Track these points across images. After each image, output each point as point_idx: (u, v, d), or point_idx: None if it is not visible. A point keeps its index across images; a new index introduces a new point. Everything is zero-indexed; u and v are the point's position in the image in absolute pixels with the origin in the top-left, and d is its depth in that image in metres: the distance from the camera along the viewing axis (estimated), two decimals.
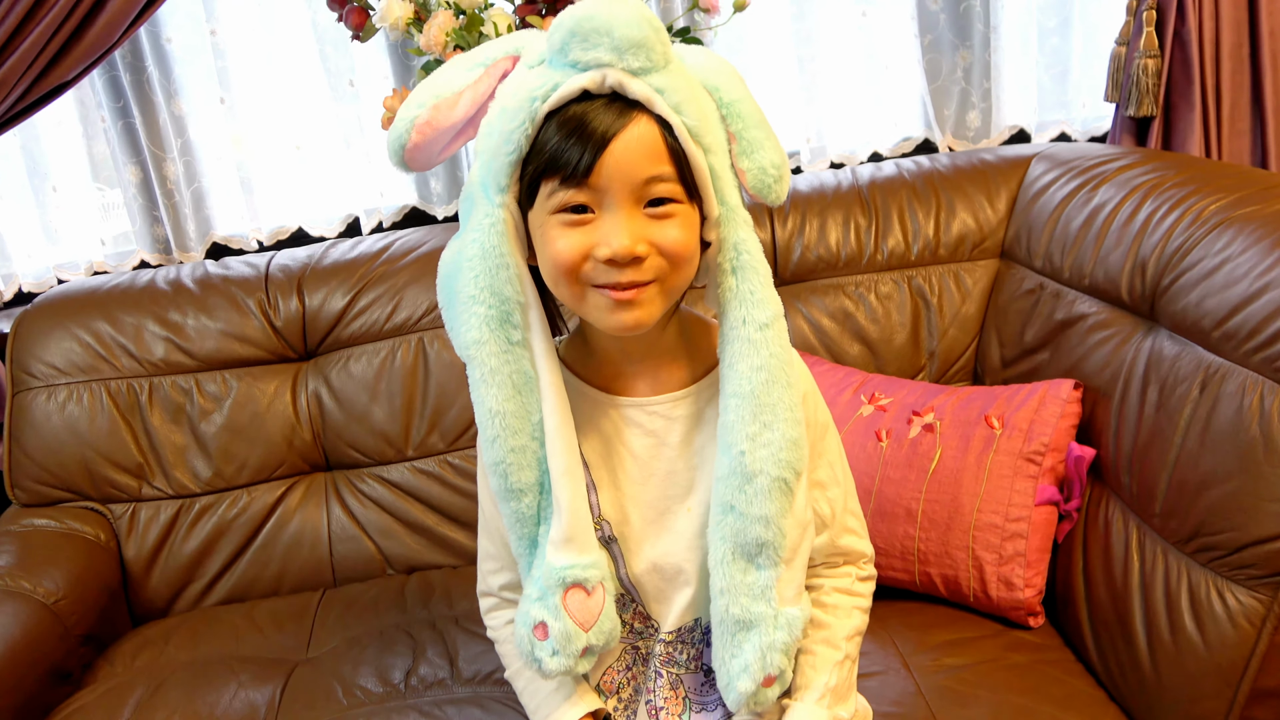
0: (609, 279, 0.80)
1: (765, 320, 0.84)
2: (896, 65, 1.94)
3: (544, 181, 0.80)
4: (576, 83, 0.78)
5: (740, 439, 0.84)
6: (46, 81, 1.67)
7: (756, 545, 0.85)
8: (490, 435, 0.86)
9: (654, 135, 0.79)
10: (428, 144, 0.87)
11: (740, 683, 0.86)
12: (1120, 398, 1.24)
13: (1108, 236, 1.35)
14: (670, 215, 0.81)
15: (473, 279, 0.84)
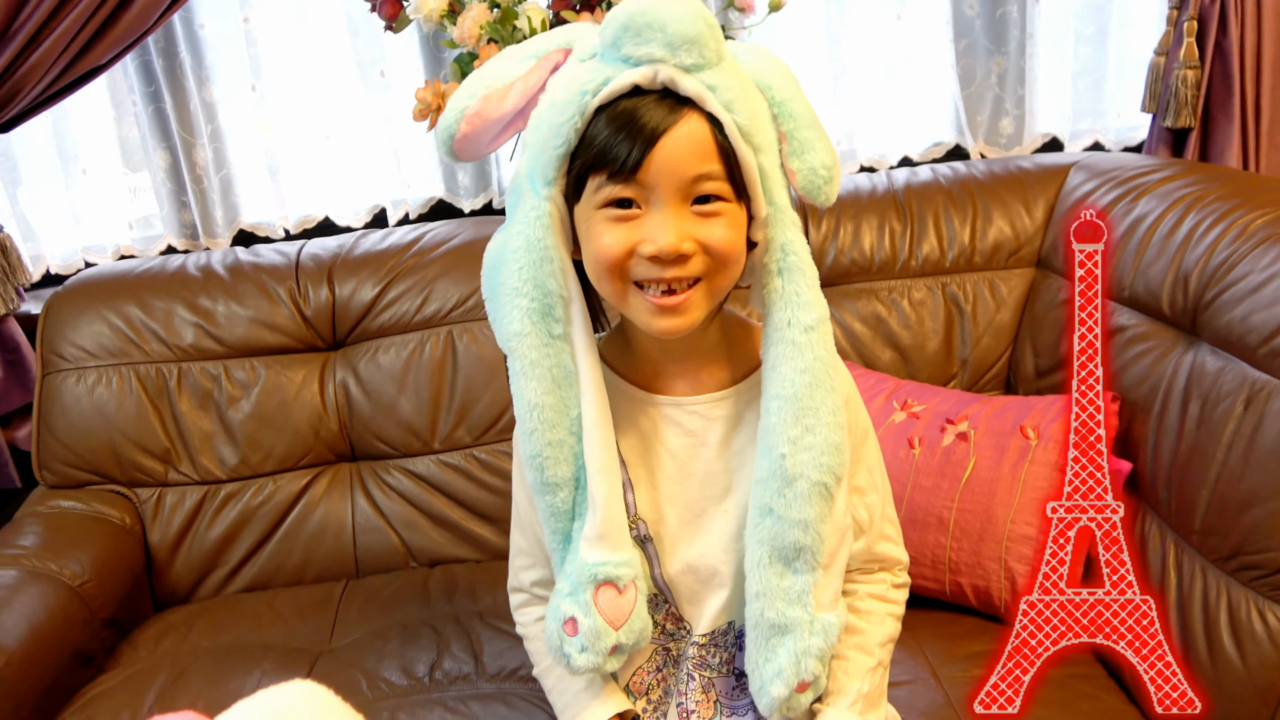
0: (652, 275, 0.80)
1: (811, 323, 0.83)
2: (930, 70, 1.93)
3: (591, 176, 0.80)
4: (628, 78, 0.77)
5: (781, 442, 0.83)
6: (80, 65, 1.67)
7: (794, 550, 0.84)
8: (528, 428, 0.86)
9: (704, 133, 0.78)
10: (477, 134, 0.87)
11: (774, 688, 0.85)
12: (1159, 412, 1.23)
13: (1149, 248, 1.34)
14: (717, 214, 0.80)
15: (516, 271, 0.84)
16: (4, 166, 1.88)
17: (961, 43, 1.90)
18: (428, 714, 1.24)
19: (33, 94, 1.66)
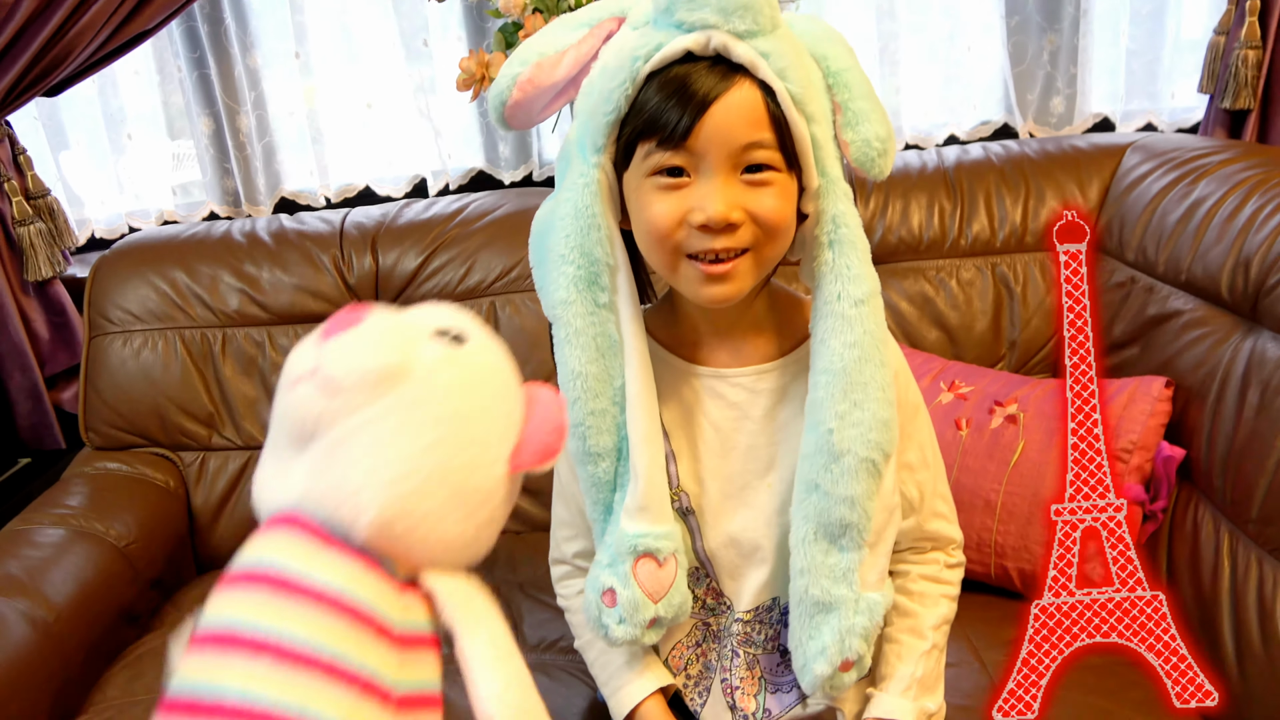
0: (702, 246, 0.79)
1: (861, 296, 0.82)
2: (980, 46, 1.89)
3: (641, 143, 0.79)
4: (680, 44, 0.76)
5: (829, 417, 0.82)
6: (128, 30, 1.68)
7: (840, 526, 0.83)
8: (571, 397, 0.85)
9: (756, 100, 0.77)
10: (529, 101, 0.86)
11: (817, 665, 0.85)
12: (1216, 398, 1.21)
13: (1208, 232, 1.31)
14: (767, 183, 0.79)
15: (564, 238, 0.83)
16: (51, 131, 1.89)
17: (1014, 19, 1.86)
18: None
19: (81, 57, 1.66)
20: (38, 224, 1.72)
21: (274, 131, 1.93)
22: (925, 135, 1.94)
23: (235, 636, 0.54)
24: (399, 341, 0.59)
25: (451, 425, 0.59)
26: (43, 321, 1.78)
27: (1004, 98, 1.91)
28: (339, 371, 0.57)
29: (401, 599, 0.59)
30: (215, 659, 0.54)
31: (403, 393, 0.58)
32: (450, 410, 0.59)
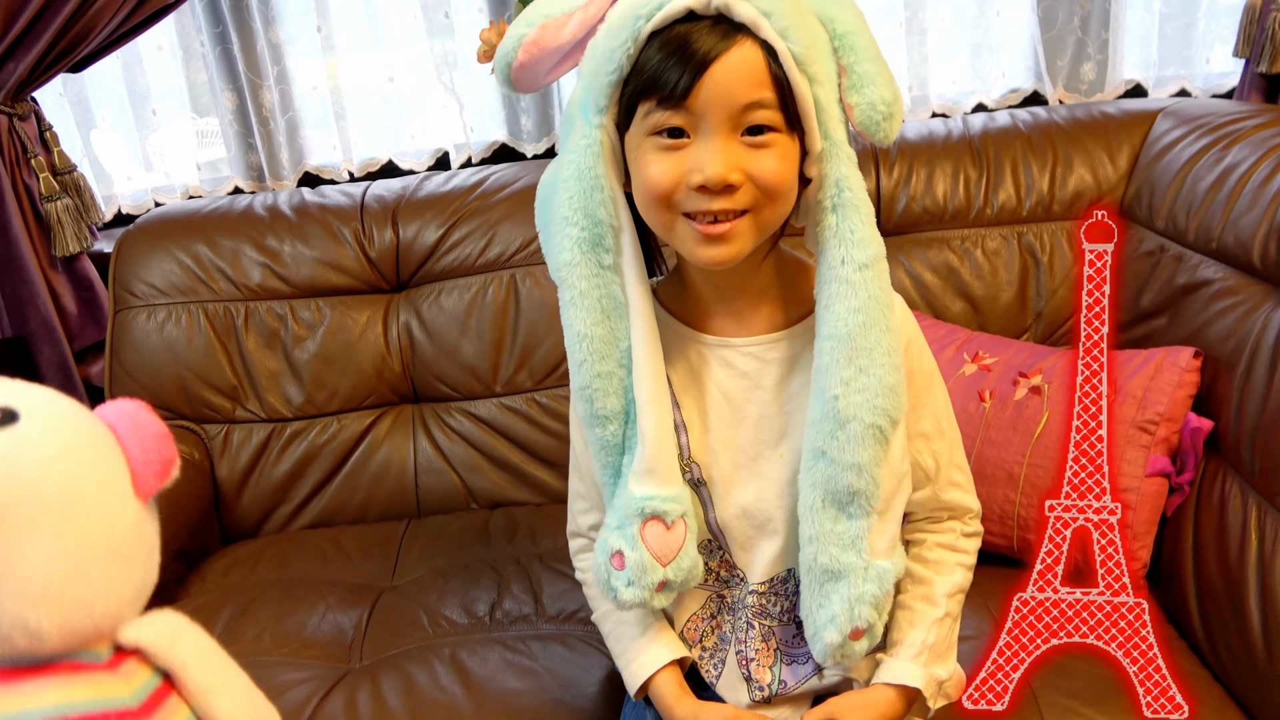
0: (700, 206, 0.78)
1: (865, 260, 0.80)
2: (1009, 11, 1.85)
3: (641, 102, 0.79)
4: (682, 2, 0.76)
5: (834, 383, 0.81)
6: (149, 4, 1.68)
7: (848, 494, 0.82)
8: (578, 359, 0.85)
9: (757, 60, 0.76)
10: (534, 63, 0.85)
11: (827, 634, 0.84)
12: (1245, 369, 1.18)
13: (1240, 199, 1.28)
14: (768, 145, 0.78)
15: (567, 200, 0.83)
16: (78, 108, 1.90)
17: None
18: (488, 652, 1.26)
19: (104, 32, 1.67)
20: (65, 200, 1.74)
21: (297, 106, 1.93)
22: (953, 104, 1.91)
23: None
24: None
25: (61, 505, 0.55)
26: (71, 297, 1.80)
27: (1033, 65, 1.87)
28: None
29: (119, 674, 0.58)
30: None
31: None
32: (51, 491, 0.55)
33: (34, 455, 0.55)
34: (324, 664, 1.28)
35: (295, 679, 1.24)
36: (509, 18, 1.81)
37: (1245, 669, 1.09)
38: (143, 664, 0.60)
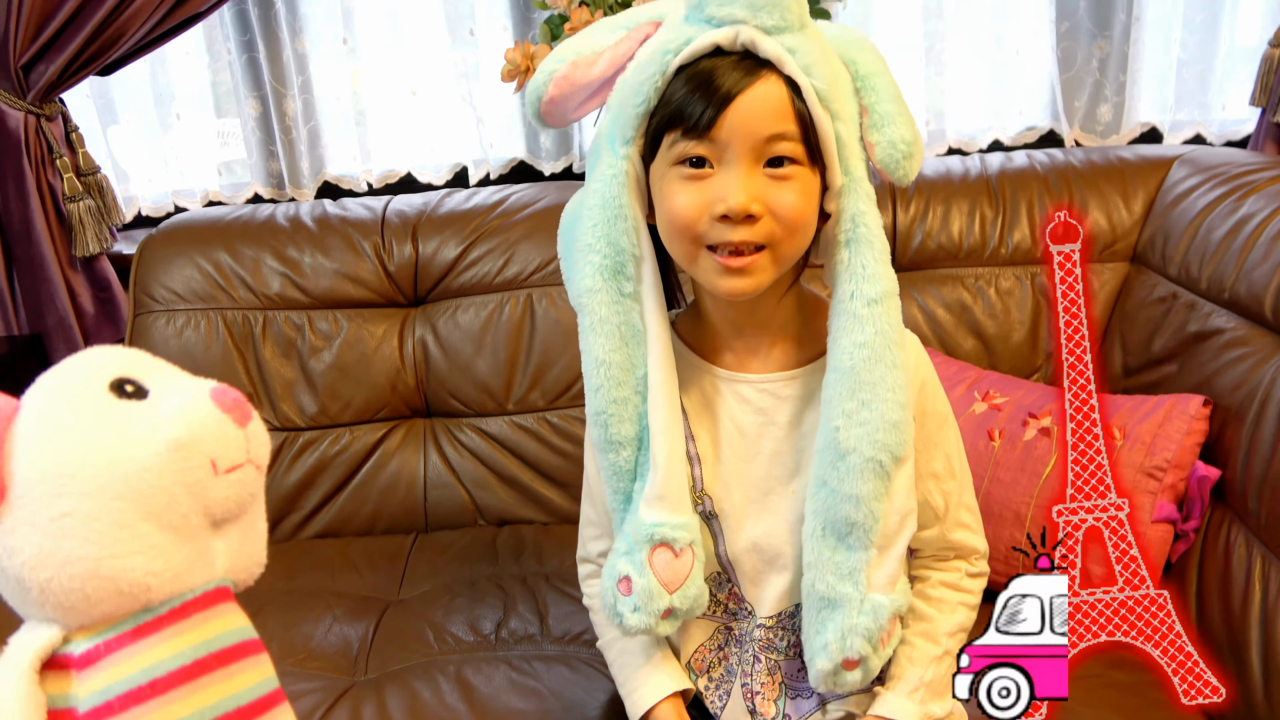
0: (722, 238, 0.80)
1: (875, 296, 0.82)
2: (1028, 51, 1.87)
3: (667, 132, 0.81)
4: (709, 38, 0.78)
5: (836, 414, 0.82)
6: (180, 12, 1.71)
7: (846, 524, 0.83)
8: (594, 384, 0.86)
9: (781, 95, 0.78)
10: (564, 99, 0.87)
11: (819, 661, 0.85)
12: (1255, 420, 1.19)
13: (1253, 250, 1.29)
14: (789, 178, 0.80)
15: (591, 228, 0.84)
16: (102, 107, 1.92)
17: (1064, 24, 1.84)
18: (493, 670, 1.27)
19: (134, 38, 1.69)
20: (87, 201, 1.76)
21: (319, 115, 1.95)
22: (969, 139, 1.93)
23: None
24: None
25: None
26: (88, 296, 1.81)
27: (1050, 104, 1.89)
28: (266, 454, 0.65)
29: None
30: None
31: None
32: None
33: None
34: (329, 675, 1.29)
35: (301, 690, 1.25)
36: (534, 38, 1.83)
37: (1228, 691, 1.10)
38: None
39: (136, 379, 0.63)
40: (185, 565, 0.61)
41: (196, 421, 0.61)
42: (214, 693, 0.60)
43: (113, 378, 0.62)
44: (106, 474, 0.59)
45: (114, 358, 0.65)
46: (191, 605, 0.61)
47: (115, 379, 0.62)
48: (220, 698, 0.60)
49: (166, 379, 0.65)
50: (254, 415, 0.65)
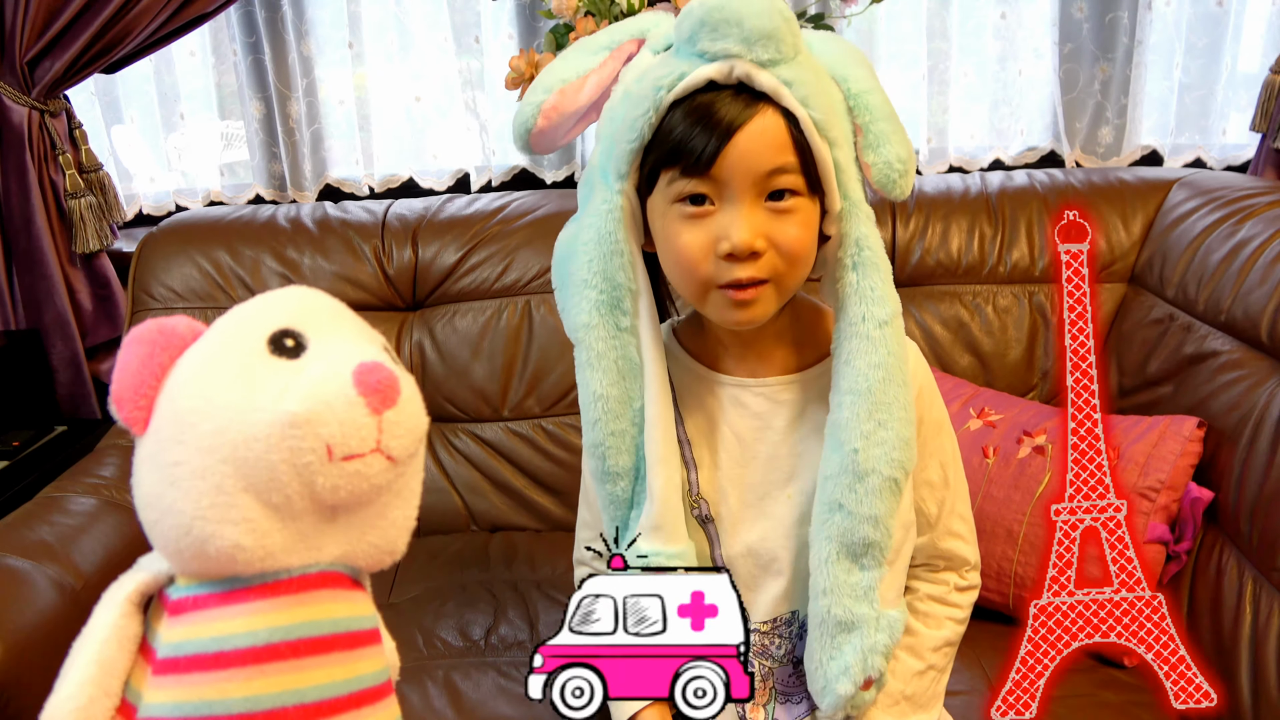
0: (729, 277, 0.80)
1: (885, 318, 0.83)
2: (1030, 71, 1.88)
3: (664, 170, 0.80)
4: (703, 73, 0.77)
5: (854, 437, 0.82)
6: (186, 12, 1.71)
7: (863, 545, 0.83)
8: (592, 418, 0.87)
9: (779, 128, 0.78)
10: (553, 128, 0.88)
11: (840, 685, 0.85)
12: (1248, 443, 1.20)
13: (1250, 274, 1.30)
14: (791, 211, 0.80)
15: (586, 264, 0.85)
16: (106, 105, 1.93)
17: (1067, 46, 1.85)
18: (481, 676, 1.26)
19: (140, 36, 1.70)
20: (89, 198, 1.76)
21: (323, 119, 1.96)
22: (971, 158, 1.93)
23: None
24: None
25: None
26: (87, 293, 1.81)
27: (1052, 125, 1.90)
28: (407, 444, 0.60)
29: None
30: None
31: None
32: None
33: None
34: None
35: None
36: (538, 46, 1.84)
37: (1220, 697, 1.10)
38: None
39: (301, 334, 0.58)
40: (281, 546, 0.58)
41: (321, 400, 0.55)
42: (278, 682, 0.56)
43: (277, 328, 0.58)
44: (221, 434, 0.55)
45: (292, 305, 0.60)
46: (283, 585, 0.58)
47: (279, 330, 0.58)
48: (281, 689, 0.56)
49: (332, 340, 0.59)
50: (399, 401, 0.58)
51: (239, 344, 0.58)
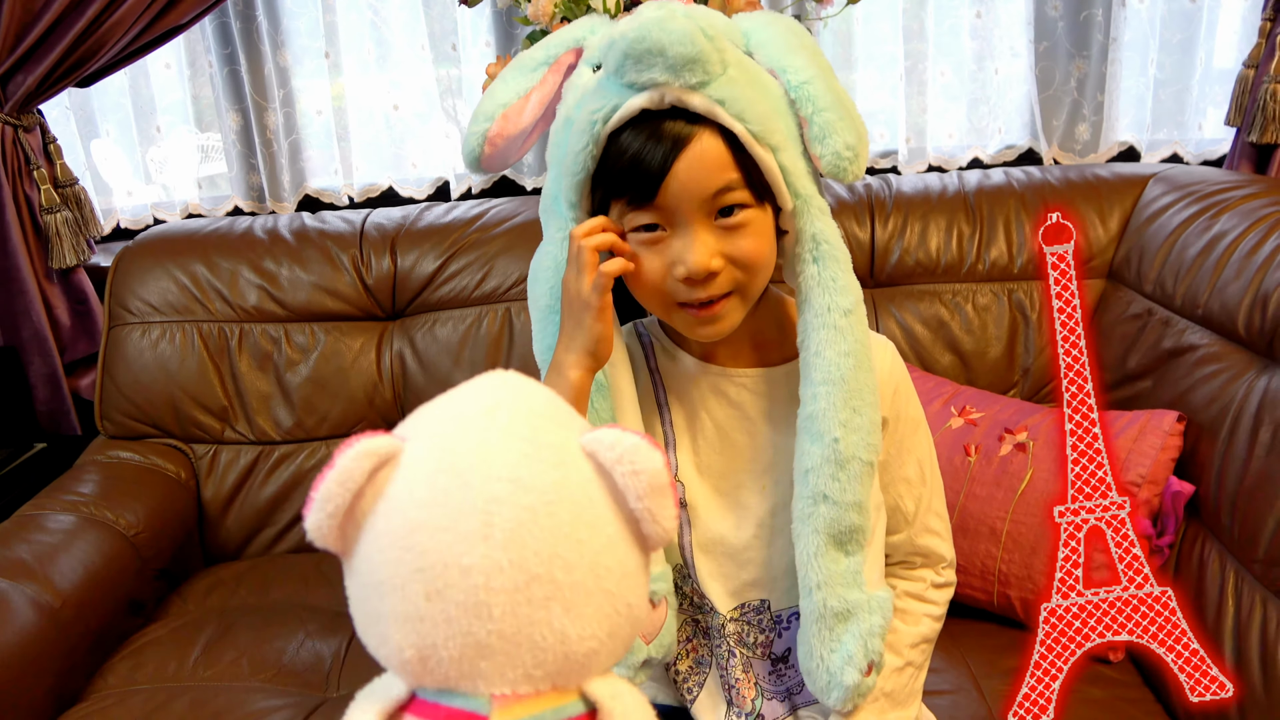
0: (689, 297, 0.82)
1: (849, 306, 0.84)
2: (1007, 70, 1.89)
3: (613, 203, 0.82)
4: (635, 103, 0.78)
5: (833, 426, 0.83)
6: (161, 24, 1.70)
7: (849, 532, 0.84)
8: None
9: (718, 147, 0.78)
10: (501, 153, 0.90)
11: (846, 676, 0.84)
12: (1228, 435, 1.20)
13: (1227, 267, 1.30)
14: (742, 225, 0.81)
15: (548, 290, 0.87)
16: (81, 120, 1.92)
17: (1042, 44, 1.85)
18: None
19: (114, 50, 1.69)
20: (64, 212, 1.75)
21: (301, 129, 1.95)
22: (949, 157, 1.94)
23: None
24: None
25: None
26: (65, 309, 1.80)
27: (1030, 123, 1.90)
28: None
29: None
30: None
31: None
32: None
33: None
34: (300, 692, 1.28)
35: (271, 706, 1.23)
36: (514, 53, 1.84)
37: (1236, 689, 1.09)
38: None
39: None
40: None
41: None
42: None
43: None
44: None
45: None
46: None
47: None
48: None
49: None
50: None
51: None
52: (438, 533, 0.47)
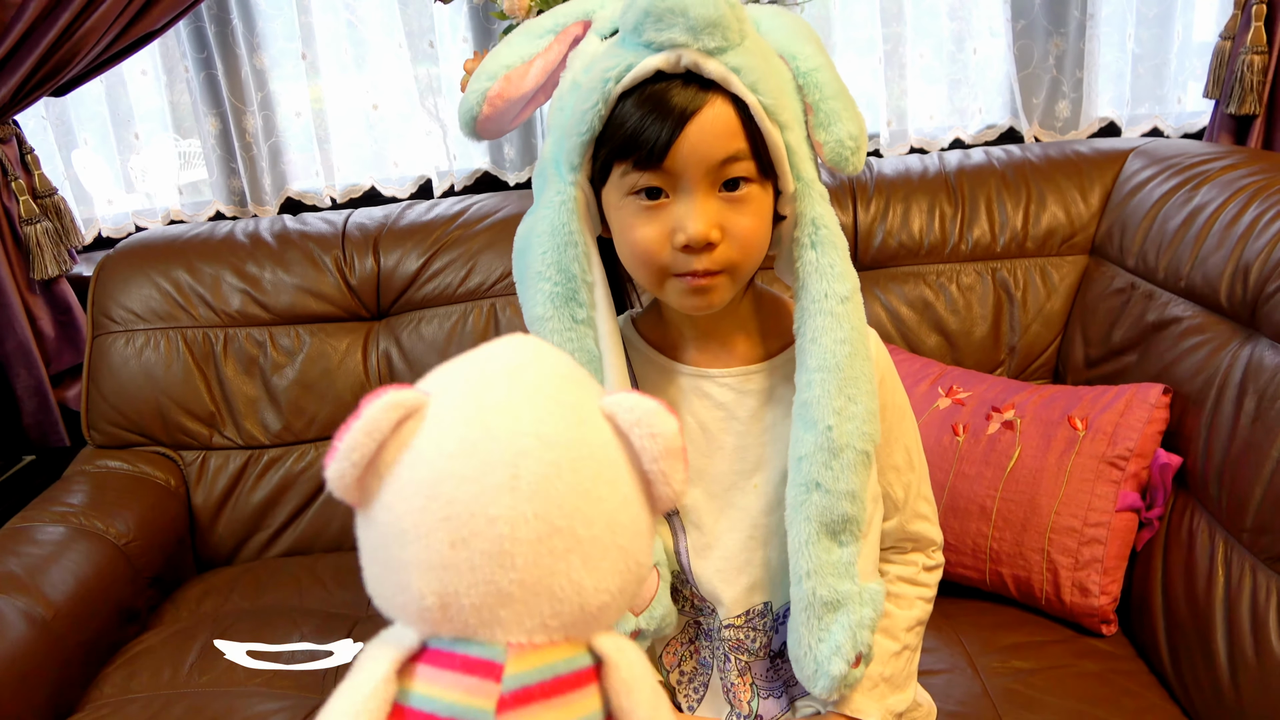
0: (686, 267, 0.80)
1: (845, 293, 0.83)
2: (985, 50, 1.89)
3: (617, 163, 0.80)
4: (651, 63, 0.76)
5: (827, 414, 0.82)
6: (135, 30, 1.69)
7: (842, 521, 0.83)
8: None
9: (729, 115, 0.77)
10: (499, 115, 0.87)
11: (833, 666, 0.84)
12: (1213, 406, 1.20)
13: (1208, 239, 1.30)
14: (745, 200, 0.80)
15: (541, 255, 0.84)
16: (59, 130, 1.90)
17: (1020, 23, 1.85)
18: None
19: (88, 58, 1.68)
20: (44, 223, 1.74)
21: (280, 132, 1.94)
22: (930, 139, 1.94)
23: None
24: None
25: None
26: (48, 320, 1.79)
27: (1010, 102, 1.90)
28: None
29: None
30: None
31: None
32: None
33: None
34: (297, 694, 1.27)
35: (268, 709, 1.23)
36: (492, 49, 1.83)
37: (1212, 704, 1.11)
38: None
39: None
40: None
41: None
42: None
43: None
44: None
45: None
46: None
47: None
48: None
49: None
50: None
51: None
52: (465, 483, 0.48)
